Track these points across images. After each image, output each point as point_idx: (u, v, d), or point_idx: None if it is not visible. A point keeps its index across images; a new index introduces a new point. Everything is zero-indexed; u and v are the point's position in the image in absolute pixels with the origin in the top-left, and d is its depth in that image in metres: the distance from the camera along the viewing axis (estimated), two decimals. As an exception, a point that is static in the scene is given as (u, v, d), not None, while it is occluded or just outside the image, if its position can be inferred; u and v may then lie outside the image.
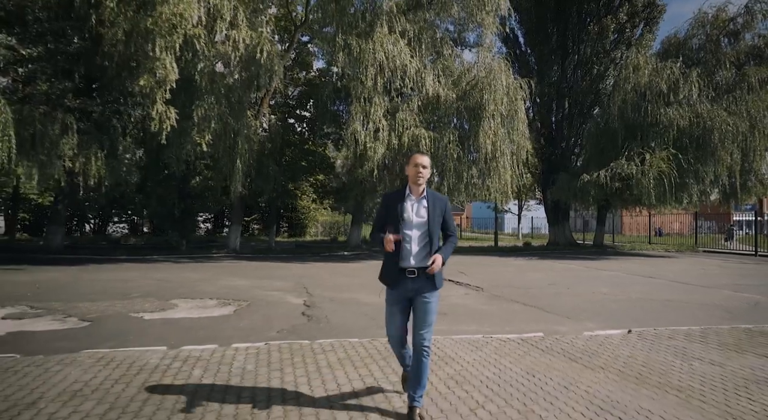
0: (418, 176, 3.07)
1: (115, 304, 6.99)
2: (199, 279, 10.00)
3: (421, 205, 3.09)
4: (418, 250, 3.03)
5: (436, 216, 3.08)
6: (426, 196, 3.12)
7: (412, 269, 3.01)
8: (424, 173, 3.10)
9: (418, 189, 3.12)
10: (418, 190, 3.12)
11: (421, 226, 3.05)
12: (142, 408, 3.14)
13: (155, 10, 10.37)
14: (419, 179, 3.08)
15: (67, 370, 3.86)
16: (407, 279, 3.02)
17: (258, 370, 3.93)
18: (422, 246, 3.04)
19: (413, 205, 3.08)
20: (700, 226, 36.65)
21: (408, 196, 3.11)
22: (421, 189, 3.12)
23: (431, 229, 3.05)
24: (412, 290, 3.04)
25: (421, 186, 3.12)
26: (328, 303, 7.37)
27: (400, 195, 3.14)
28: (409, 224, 3.04)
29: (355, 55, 12.72)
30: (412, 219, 3.05)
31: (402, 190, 3.19)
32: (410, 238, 3.03)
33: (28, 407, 3.11)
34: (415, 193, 3.12)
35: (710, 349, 4.80)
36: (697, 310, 7.04)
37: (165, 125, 11.00)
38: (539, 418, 3.07)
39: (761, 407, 3.29)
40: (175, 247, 16.79)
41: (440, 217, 3.12)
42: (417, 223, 3.05)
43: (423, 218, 3.05)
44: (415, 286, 3.02)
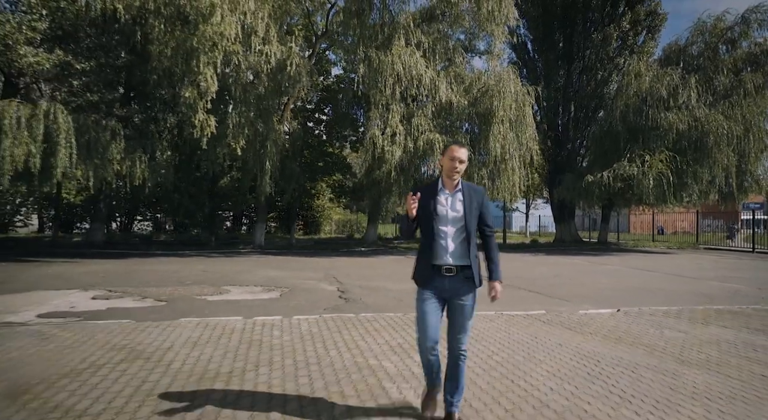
0: (454, 171, 2.86)
1: (177, 289, 8.18)
2: (238, 270, 11.18)
3: (456, 198, 2.88)
4: (455, 247, 2.83)
5: (473, 209, 2.87)
6: (461, 189, 2.89)
7: (450, 267, 2.81)
8: (461, 168, 2.87)
9: (452, 182, 2.90)
10: (452, 183, 2.90)
11: (457, 221, 2.84)
12: (247, 352, 4.29)
13: (198, 29, 11.58)
14: (455, 175, 2.87)
15: (178, 330, 5.05)
16: (444, 277, 2.82)
17: (321, 332, 5.08)
18: (459, 242, 2.84)
19: (447, 199, 2.88)
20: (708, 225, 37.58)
21: (441, 190, 2.90)
22: (455, 182, 2.90)
23: (468, 224, 2.84)
24: (449, 290, 2.84)
25: (455, 180, 2.90)
26: (358, 289, 8.50)
27: (432, 188, 2.93)
28: (443, 220, 2.84)
29: (374, 66, 13.85)
30: (447, 214, 2.85)
31: (434, 183, 2.97)
32: (445, 234, 2.83)
33: (166, 351, 4.29)
34: (448, 186, 2.91)
35: (681, 322, 5.88)
36: (682, 296, 8.09)
37: (206, 132, 12.22)
38: (539, 361, 4.18)
39: (706, 357, 4.38)
40: (204, 243, 18.05)
41: (477, 211, 2.90)
42: (452, 218, 2.84)
43: (459, 213, 2.85)
44: (453, 285, 2.83)
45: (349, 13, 14.28)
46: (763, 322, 5.87)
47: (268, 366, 3.92)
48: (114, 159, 12.88)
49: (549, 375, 3.80)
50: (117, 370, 3.77)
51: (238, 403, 3.16)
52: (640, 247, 21.80)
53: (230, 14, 11.45)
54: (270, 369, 3.85)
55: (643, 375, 3.83)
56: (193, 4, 11.21)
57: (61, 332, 4.92)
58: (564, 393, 3.42)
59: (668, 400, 3.32)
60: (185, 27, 11.79)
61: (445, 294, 2.84)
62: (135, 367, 3.84)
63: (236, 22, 11.78)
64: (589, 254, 17.23)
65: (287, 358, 4.16)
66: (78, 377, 3.59)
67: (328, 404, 3.17)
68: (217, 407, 3.09)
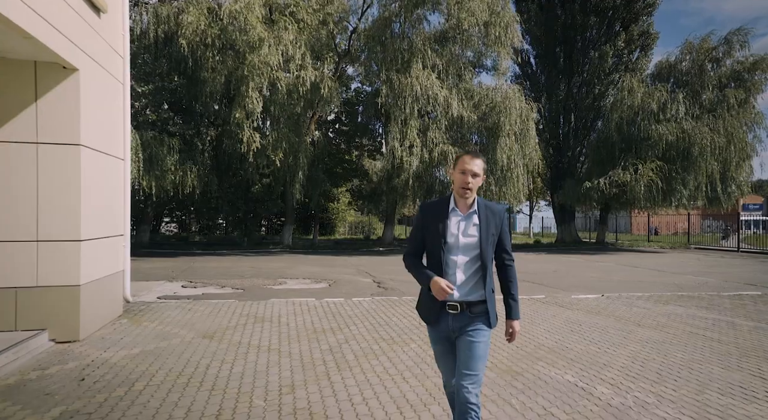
0: (466, 188, 2.36)
1: (243, 281, 10.04)
2: (281, 266, 13.04)
3: (470, 222, 2.40)
4: (465, 279, 2.37)
5: (490, 235, 2.39)
6: (476, 210, 2.41)
7: (453, 304, 2.35)
8: (473, 184, 2.37)
9: (465, 201, 2.41)
10: (466, 203, 2.42)
11: (469, 249, 2.38)
12: (334, 318, 6.15)
13: (246, 59, 13.46)
14: (466, 193, 2.37)
15: (276, 306, 6.92)
16: (447, 315, 2.37)
17: (379, 307, 6.94)
18: (471, 274, 2.38)
19: (460, 223, 2.40)
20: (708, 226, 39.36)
21: (453, 211, 2.42)
22: (470, 200, 2.42)
23: (484, 252, 2.37)
24: (454, 329, 2.39)
25: (469, 199, 2.40)
26: (390, 281, 10.33)
27: (442, 208, 2.45)
28: (454, 247, 2.38)
29: (396, 87, 15.71)
30: (459, 241, 2.38)
31: (445, 200, 2.48)
32: (455, 264, 2.36)
33: (279, 317, 6.15)
34: (461, 207, 2.42)
35: (648, 303, 7.70)
36: (657, 286, 9.90)
37: (252, 147, 14.09)
38: (538, 324, 6.02)
39: (656, 322, 6.20)
40: (237, 243, 19.96)
41: (495, 236, 2.42)
42: (465, 246, 2.38)
43: (473, 239, 2.38)
44: (458, 324, 2.37)
45: (373, 40, 16.15)
46: (709, 303, 7.69)
47: (353, 326, 5.78)
48: (169, 169, 14.79)
49: (544, 331, 5.64)
50: (256, 327, 5.63)
51: (345, 344, 5.02)
52: (635, 247, 23.57)
53: (275, 45, 13.33)
54: (356, 327, 5.71)
55: (608, 331, 5.67)
56: (243, 38, 13.09)
57: (193, 306, 6.80)
58: (553, 339, 5.27)
59: (621, 343, 5.15)
60: (236, 56, 13.66)
61: (452, 334, 2.39)
62: (266, 326, 5.71)
63: (279, 52, 13.66)
64: (586, 253, 19.02)
65: (364, 321, 6.02)
66: (236, 329, 5.46)
67: (400, 344, 5.02)
68: (336, 346, 4.95)
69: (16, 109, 4.53)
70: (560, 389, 3.70)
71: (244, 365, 4.18)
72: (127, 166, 6.23)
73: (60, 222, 4.68)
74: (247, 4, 13.17)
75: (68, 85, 4.68)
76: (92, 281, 5.05)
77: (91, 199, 5.00)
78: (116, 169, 5.89)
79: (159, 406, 3.27)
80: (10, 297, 4.56)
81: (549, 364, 4.33)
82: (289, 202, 18.54)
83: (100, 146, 5.29)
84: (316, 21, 15.22)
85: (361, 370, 4.11)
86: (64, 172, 4.69)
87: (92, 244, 5.04)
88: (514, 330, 2.51)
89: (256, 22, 13.08)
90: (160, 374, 3.90)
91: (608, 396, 3.57)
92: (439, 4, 16.33)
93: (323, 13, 15.38)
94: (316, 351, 4.68)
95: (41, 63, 4.55)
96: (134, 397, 3.42)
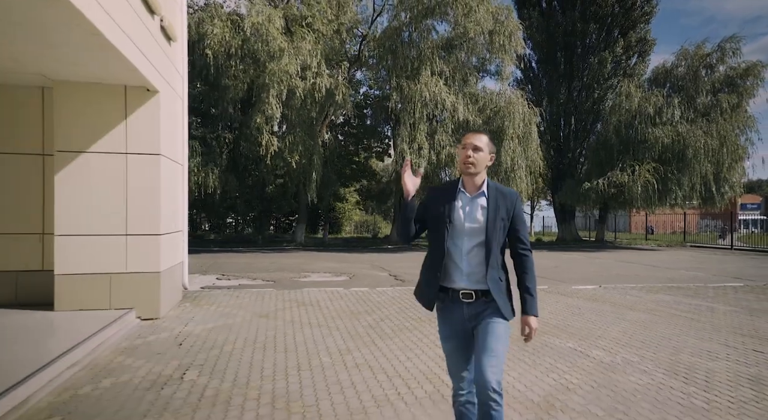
0: (466, 163, 2.21)
1: (271, 274, 10.95)
2: (299, 262, 13.95)
3: (477, 204, 2.23)
4: (473, 268, 2.20)
5: (498, 220, 2.19)
6: (485, 192, 2.24)
7: (468, 291, 2.19)
8: (477, 158, 2.21)
9: (473, 181, 2.24)
10: (474, 183, 2.24)
11: (475, 233, 2.20)
12: (365, 303, 7.06)
13: (267, 68, 14.37)
14: (468, 167, 2.21)
15: (312, 294, 7.83)
16: (462, 304, 2.21)
17: (401, 295, 7.85)
18: (478, 262, 2.19)
19: (466, 205, 2.24)
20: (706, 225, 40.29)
21: (460, 192, 2.26)
22: (478, 181, 2.25)
23: (490, 238, 2.18)
24: (470, 317, 2.22)
25: (476, 176, 2.24)
26: (405, 275, 11.24)
27: (449, 189, 2.30)
28: (458, 231, 2.21)
29: (405, 93, 16.62)
30: (463, 224, 2.21)
31: (454, 182, 2.33)
32: (460, 250, 2.20)
33: (318, 302, 7.07)
34: (469, 188, 2.26)
35: (641, 292, 8.62)
36: (650, 279, 10.81)
37: (270, 150, 15.01)
38: (542, 308, 6.92)
39: (647, 307, 7.11)
40: (252, 241, 20.87)
41: (505, 221, 2.22)
42: (470, 230, 2.20)
43: (479, 223, 2.20)
44: (473, 311, 2.21)
45: (384, 49, 17.05)
46: (695, 292, 8.61)
47: (384, 309, 6.70)
48: (192, 171, 15.69)
49: (549, 313, 6.56)
50: (301, 309, 6.55)
51: (381, 322, 5.94)
52: (633, 245, 24.49)
53: (294, 55, 14.24)
54: (387, 309, 6.63)
55: (604, 314, 6.59)
56: (265, 48, 14.00)
57: (239, 294, 7.71)
58: (557, 319, 6.18)
59: (614, 322, 6.07)
60: (256, 65, 14.57)
61: (468, 323, 2.23)
62: (309, 308, 6.62)
63: (298, 61, 14.56)
64: (586, 251, 19.94)
65: (392, 305, 6.94)
66: (285, 311, 6.37)
67: (428, 322, 5.94)
68: (373, 323, 5.87)
69: (111, 126, 5.45)
70: (563, 352, 4.61)
71: (303, 336, 5.10)
72: (185, 170, 7.16)
73: (144, 219, 5.60)
74: (268, 16, 14.08)
75: (151, 105, 5.59)
76: (167, 269, 5.97)
77: (165, 199, 5.92)
78: (177, 173, 6.81)
79: (250, 362, 4.18)
80: (105, 281, 5.48)
81: (553, 336, 5.25)
82: (302, 201, 19.45)
83: (170, 154, 6.21)
84: (331, 31, 16.14)
85: (399, 339, 5.03)
86: (147, 177, 5.60)
87: (166, 238, 5.96)
88: (530, 327, 2.21)
89: (276, 33, 13.99)
90: (239, 341, 4.82)
91: (601, 356, 4.49)
92: (446, 14, 17.22)
93: (337, 23, 16.29)
94: (358, 326, 5.59)
95: (130, 87, 5.47)
96: (227, 355, 4.34)
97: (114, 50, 4.12)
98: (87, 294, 5.40)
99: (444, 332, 2.32)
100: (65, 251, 5.32)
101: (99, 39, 3.82)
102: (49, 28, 3.73)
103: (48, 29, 3.75)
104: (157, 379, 3.69)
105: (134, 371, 3.87)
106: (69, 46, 4.07)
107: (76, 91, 5.30)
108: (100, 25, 3.67)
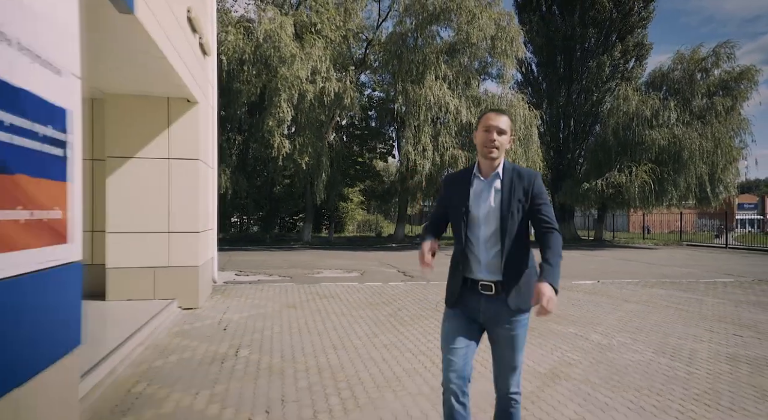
0: (491, 146, 2.02)
1: (285, 270, 11.52)
2: (309, 260, 14.51)
3: (491, 187, 2.06)
4: (491, 256, 2.04)
5: (515, 202, 2.01)
6: (500, 174, 2.07)
7: (487, 283, 2.04)
8: (500, 142, 2.03)
9: (490, 164, 2.08)
10: (491, 165, 2.08)
11: (490, 219, 2.03)
12: (380, 295, 7.64)
13: (278, 73, 14.94)
14: (492, 151, 2.03)
15: (330, 287, 8.42)
16: (480, 295, 2.06)
17: (413, 289, 8.44)
18: (497, 251, 2.03)
19: (481, 190, 2.08)
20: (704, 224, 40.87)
21: (475, 176, 2.10)
22: (495, 162, 2.07)
23: (504, 222, 1.99)
24: (485, 313, 2.07)
25: (496, 160, 2.06)
26: (414, 271, 11.80)
27: (464, 175, 2.15)
28: (474, 218, 2.06)
29: (410, 97, 17.20)
30: (478, 210, 2.05)
31: (469, 168, 2.17)
32: (477, 238, 2.05)
33: (338, 295, 7.65)
34: (485, 170, 2.09)
35: (636, 287, 9.21)
36: (647, 275, 11.40)
37: (281, 152, 15.58)
38: (545, 300, 7.51)
39: (641, 299, 7.70)
40: (260, 240, 21.44)
41: (522, 203, 2.02)
42: (485, 216, 2.04)
43: (492, 208, 2.03)
44: (492, 308, 2.05)
45: (390, 54, 17.64)
46: (687, 287, 9.20)
47: (400, 300, 7.28)
48: (205, 172, 16.25)
49: (551, 304, 7.14)
50: (324, 301, 7.13)
51: (399, 311, 6.52)
52: (631, 244, 25.11)
53: (305, 60, 14.82)
54: (402, 301, 7.21)
55: (601, 305, 7.18)
56: (277, 54, 14.58)
57: (262, 287, 8.29)
58: (559, 309, 6.76)
59: (610, 312, 6.66)
60: (267, 70, 15.14)
61: (480, 317, 2.09)
62: (331, 300, 7.20)
63: (308, 66, 15.14)
64: (585, 249, 20.53)
65: (407, 297, 7.53)
66: (309, 302, 6.95)
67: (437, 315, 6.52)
68: (392, 312, 6.45)
69: (155, 134, 6.02)
70: (565, 336, 5.20)
71: (331, 323, 5.68)
72: (215, 172, 7.73)
73: (184, 218, 6.18)
74: (280, 23, 14.66)
75: (190, 114, 6.17)
76: (203, 263, 6.55)
77: (202, 200, 6.50)
78: (209, 176, 7.39)
79: (290, 343, 4.76)
80: (149, 274, 6.05)
81: (556, 323, 5.83)
82: (309, 201, 20.03)
83: (205, 158, 6.78)
84: (339, 37, 16.72)
85: (418, 325, 5.61)
86: (187, 180, 6.18)
87: (202, 235, 6.54)
88: (542, 295, 1.87)
89: (288, 40, 14.57)
90: (275, 327, 5.40)
91: (599, 339, 5.07)
92: (451, 20, 17.80)
93: (345, 29, 16.87)
94: (379, 315, 6.17)
95: (173, 98, 6.05)
96: (269, 338, 4.92)
97: (172, 70, 4.70)
98: (134, 286, 5.98)
99: (449, 312, 2.16)
100: (116, 247, 5.90)
101: (163, 62, 4.40)
102: (126, 55, 4.31)
103: (125, 55, 4.33)
104: (215, 355, 4.28)
105: (193, 350, 4.45)
106: (135, 67, 4.65)
107: (126, 102, 5.88)
108: (165, 51, 4.25)
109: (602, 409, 3.21)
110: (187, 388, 3.48)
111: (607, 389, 3.58)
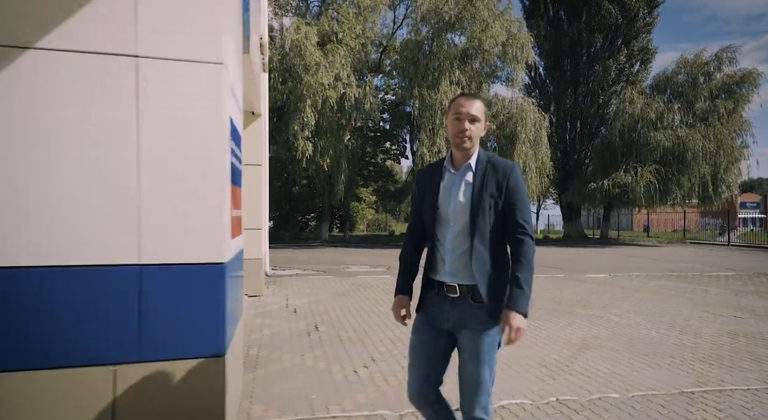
0: (462, 136, 1.80)
1: (316, 265, 12.37)
2: (333, 256, 15.36)
3: (462, 180, 1.83)
4: (457, 256, 1.82)
5: (486, 197, 1.77)
6: (472, 166, 1.83)
7: (452, 285, 1.82)
8: (471, 131, 1.80)
9: (463, 154, 1.85)
10: (464, 156, 1.85)
11: (459, 216, 1.81)
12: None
13: (303, 80, 15.80)
14: (464, 141, 1.80)
15: (361, 279, 9.26)
16: (446, 298, 1.85)
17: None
18: (464, 250, 1.80)
19: (450, 184, 1.85)
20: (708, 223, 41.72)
21: (446, 169, 1.88)
22: (468, 153, 1.84)
23: (474, 220, 1.77)
24: (450, 319, 1.84)
25: (470, 150, 1.83)
26: (435, 266, 12.65)
27: (436, 168, 1.93)
28: (442, 214, 1.84)
29: (426, 102, 18.04)
30: (448, 206, 1.82)
31: (441, 160, 1.93)
32: (444, 237, 1.84)
33: (378, 286, 8.50)
34: (456, 161, 1.87)
35: (645, 279, 10.04)
36: (653, 269, 12.22)
37: (305, 154, 16.43)
38: (563, 289, 8.34)
39: (651, 289, 8.53)
40: (279, 238, 22.31)
41: (496, 198, 1.78)
42: (454, 212, 1.81)
43: (461, 203, 1.81)
44: (456, 313, 1.83)
45: (406, 60, 18.50)
46: (692, 279, 10.03)
47: (434, 290, 8.12)
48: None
49: (570, 293, 7.99)
50: (367, 290, 7.97)
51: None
52: (636, 242, 25.90)
53: (329, 68, 15.68)
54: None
55: (615, 294, 8.01)
56: (302, 63, 15.44)
57: (306, 280, 9.15)
58: (577, 297, 7.61)
59: (624, 299, 7.49)
60: (292, 77, 16.00)
61: (445, 324, 1.86)
62: (373, 290, 8.05)
63: (331, 73, 15.99)
64: (592, 247, 21.34)
65: (439, 288, 8.36)
66: (355, 291, 7.80)
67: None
68: (431, 299, 7.30)
69: (226, 142, 6.88)
70: (588, 317, 6.04)
71: (383, 308, 6.53)
72: (266, 171, 8.60)
73: (251, 216, 7.03)
74: (305, 34, 15.52)
75: (256, 125, 7.03)
76: (262, 256, 7.41)
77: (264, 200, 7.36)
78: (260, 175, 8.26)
79: (356, 321, 5.61)
80: (221, 265, 6.91)
81: (579, 308, 6.67)
82: (326, 201, 20.90)
83: (261, 162, 7.64)
84: (359, 45, 17.58)
85: (459, 309, 6.46)
86: (254, 182, 7.04)
87: (263, 232, 7.40)
88: (510, 326, 1.71)
89: (312, 49, 15.43)
90: (337, 310, 6.26)
91: (615, 320, 5.92)
92: (464, 29, 18.64)
93: (364, 37, 17.73)
94: (421, 301, 7.02)
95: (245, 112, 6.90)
96: (336, 318, 5.77)
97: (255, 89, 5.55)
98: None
99: (417, 324, 1.98)
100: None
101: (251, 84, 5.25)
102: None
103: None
104: (299, 331, 5.13)
105: (277, 326, 5.30)
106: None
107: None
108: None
109: (626, 365, 4.06)
110: (292, 352, 4.34)
111: (629, 353, 4.42)
